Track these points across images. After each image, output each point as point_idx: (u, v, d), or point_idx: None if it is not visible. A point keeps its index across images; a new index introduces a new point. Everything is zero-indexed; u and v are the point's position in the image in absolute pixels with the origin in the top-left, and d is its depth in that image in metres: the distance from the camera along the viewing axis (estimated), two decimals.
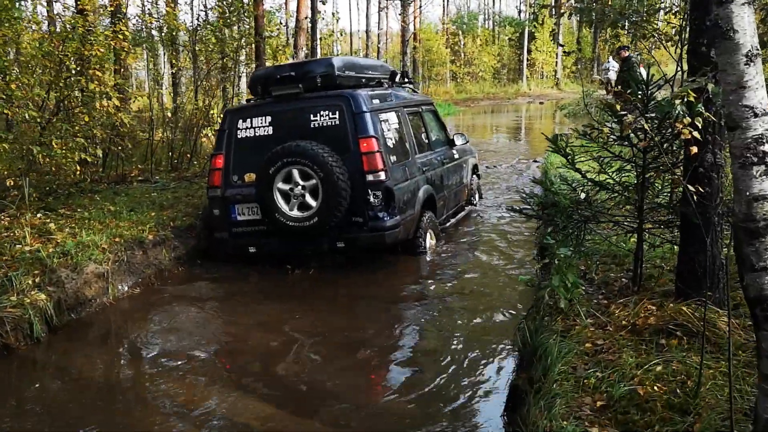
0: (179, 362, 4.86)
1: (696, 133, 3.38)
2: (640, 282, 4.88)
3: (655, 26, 8.02)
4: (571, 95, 34.80)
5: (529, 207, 5.00)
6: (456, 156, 8.84)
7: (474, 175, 9.89)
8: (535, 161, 14.33)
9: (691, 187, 3.48)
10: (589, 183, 4.91)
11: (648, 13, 7.92)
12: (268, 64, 12.22)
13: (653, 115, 4.18)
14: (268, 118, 6.85)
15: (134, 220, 7.20)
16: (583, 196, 4.72)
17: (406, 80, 8.64)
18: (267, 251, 6.88)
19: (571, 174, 5.05)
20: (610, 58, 31.64)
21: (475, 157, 10.07)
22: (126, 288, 6.30)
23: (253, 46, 11.61)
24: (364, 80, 7.46)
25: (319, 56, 17.32)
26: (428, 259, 7.16)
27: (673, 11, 7.71)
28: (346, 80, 7.09)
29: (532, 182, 5.21)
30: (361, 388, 4.44)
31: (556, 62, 42.03)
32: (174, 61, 13.14)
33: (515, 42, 44.64)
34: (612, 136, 4.70)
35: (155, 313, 5.88)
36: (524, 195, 4.94)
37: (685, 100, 3.71)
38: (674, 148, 4.76)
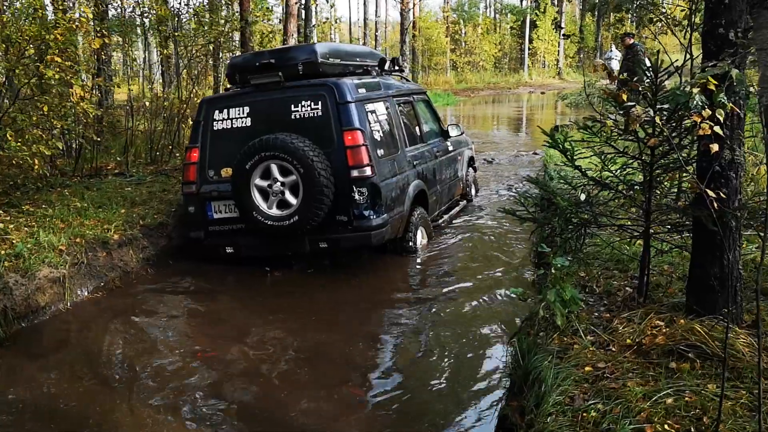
0: (139, 379, 4.38)
1: (718, 129, 2.86)
2: (647, 292, 4.38)
3: (662, 9, 7.49)
4: (573, 85, 34.21)
5: (523, 208, 4.47)
6: (450, 148, 8.41)
7: (470, 168, 9.47)
8: (536, 153, 13.88)
9: (711, 192, 2.95)
10: (590, 182, 4.39)
11: None
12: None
13: (664, 106, 3.65)
14: (246, 109, 6.40)
15: (101, 218, 6.68)
16: (583, 196, 4.20)
17: (397, 68, 8.16)
18: (245, 252, 6.43)
19: (570, 171, 4.52)
20: (613, 47, 31.00)
21: (471, 148, 9.62)
22: (86, 293, 5.79)
23: (238, 32, 11.04)
24: (350, 68, 7.00)
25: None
26: (418, 260, 6.70)
27: None
28: (330, 68, 6.62)
29: (527, 181, 4.63)
30: (334, 412, 3.95)
31: (558, 51, 41.34)
32: (161, 49, 12.60)
33: (517, 31, 43.89)
34: (616, 130, 4.17)
35: (115, 322, 5.39)
36: (518, 194, 4.43)
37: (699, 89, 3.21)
38: (686, 144, 4.24)
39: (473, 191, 9.61)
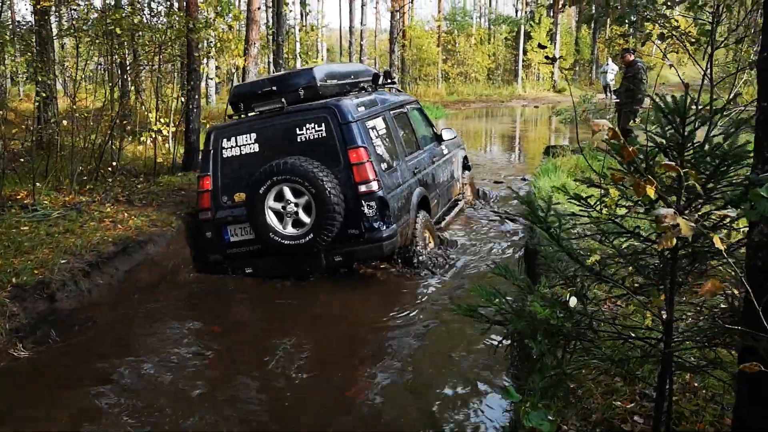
0: None
1: None
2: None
3: (674, 23, 6.14)
4: (568, 99, 32.91)
5: (494, 306, 3.07)
6: (445, 151, 8.77)
7: (464, 168, 9.80)
8: (524, 179, 12.52)
9: None
10: (585, 272, 3.00)
11: (666, 5, 6.02)
12: (213, 63, 10.34)
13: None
14: (254, 135, 6.73)
15: None
16: (573, 301, 2.81)
17: (389, 81, 8.54)
18: (264, 272, 6.72)
19: (556, 252, 3.12)
20: (609, 60, 29.77)
21: (464, 149, 9.98)
22: None
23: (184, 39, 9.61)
24: (346, 87, 7.40)
25: (284, 54, 15.46)
26: (423, 272, 6.76)
27: (701, 2, 5.78)
28: (328, 90, 7.05)
29: (494, 272, 3.20)
30: None
31: (548, 56, 39.94)
32: (105, 54, 11.18)
33: (511, 42, 42.56)
34: (624, 202, 2.80)
35: None
36: (484, 290, 3.04)
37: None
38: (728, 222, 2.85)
39: (470, 193, 9.95)
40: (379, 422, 4.04)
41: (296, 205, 6.32)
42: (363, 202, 6.34)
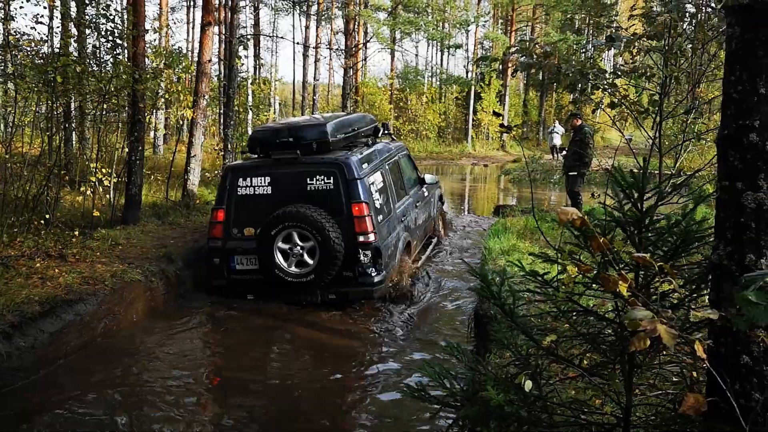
0: None
1: None
2: None
3: (624, 91, 6.20)
4: (517, 158, 33.50)
5: (445, 391, 2.86)
6: (426, 194, 9.69)
7: (439, 202, 10.79)
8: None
9: None
10: (542, 353, 2.83)
11: (615, 74, 6.08)
12: (162, 114, 10.09)
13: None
14: (268, 179, 7.39)
15: None
16: (528, 385, 2.63)
17: (386, 132, 9.46)
18: (264, 298, 7.35)
19: (509, 329, 2.94)
20: (556, 122, 30.60)
21: (440, 187, 11.01)
22: None
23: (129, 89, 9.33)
24: (351, 138, 8.05)
25: (234, 106, 15.28)
26: (401, 306, 7.30)
27: (649, 73, 5.87)
28: (337, 144, 7.67)
29: (444, 350, 3.01)
30: None
31: (503, 124, 40.74)
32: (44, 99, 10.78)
33: (462, 101, 43.42)
34: (581, 277, 2.65)
35: None
36: (433, 371, 2.83)
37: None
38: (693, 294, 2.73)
39: (441, 227, 10.76)
40: None
41: (302, 248, 7.02)
42: (360, 250, 7.05)
